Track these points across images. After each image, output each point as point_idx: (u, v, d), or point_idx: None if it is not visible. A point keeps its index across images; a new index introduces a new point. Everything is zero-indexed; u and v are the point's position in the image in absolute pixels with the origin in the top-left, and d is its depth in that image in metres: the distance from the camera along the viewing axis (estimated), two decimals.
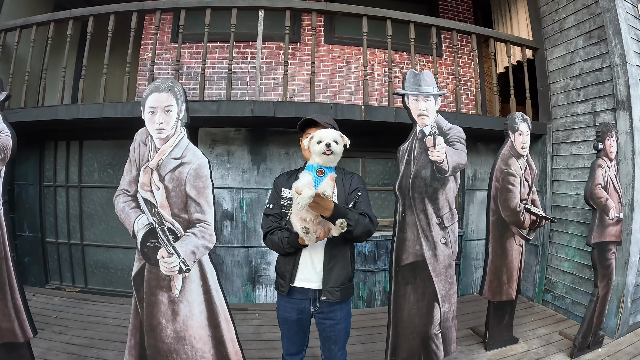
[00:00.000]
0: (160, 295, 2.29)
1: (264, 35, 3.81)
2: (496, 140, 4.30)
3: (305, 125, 2.11)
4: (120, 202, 2.32)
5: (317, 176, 1.72)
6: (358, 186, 2.10)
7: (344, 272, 2.05)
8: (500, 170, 3.21)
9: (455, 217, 2.84)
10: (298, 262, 2.04)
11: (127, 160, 2.31)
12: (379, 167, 4.59)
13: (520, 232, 3.29)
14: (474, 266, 4.78)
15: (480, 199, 4.72)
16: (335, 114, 3.53)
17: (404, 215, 2.69)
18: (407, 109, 2.80)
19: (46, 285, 4.60)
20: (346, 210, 1.84)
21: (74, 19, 3.74)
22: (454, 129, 2.88)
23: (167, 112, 2.25)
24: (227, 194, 4.16)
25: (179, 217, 2.24)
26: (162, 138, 2.25)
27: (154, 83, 2.29)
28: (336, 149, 1.75)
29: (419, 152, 2.75)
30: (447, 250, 2.79)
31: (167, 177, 2.23)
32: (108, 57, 3.66)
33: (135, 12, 3.62)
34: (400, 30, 4.10)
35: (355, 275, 4.34)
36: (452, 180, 2.83)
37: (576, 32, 4.10)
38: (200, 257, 2.25)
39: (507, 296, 3.33)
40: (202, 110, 3.47)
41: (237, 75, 4.65)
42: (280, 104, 3.54)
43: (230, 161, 4.15)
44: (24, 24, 3.85)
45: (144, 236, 2.27)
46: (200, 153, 2.25)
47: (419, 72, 2.87)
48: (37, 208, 4.54)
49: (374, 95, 4.91)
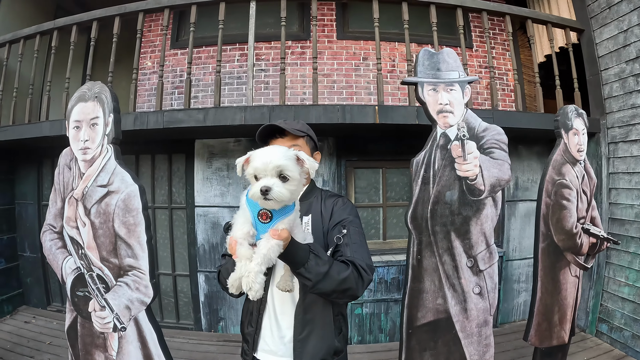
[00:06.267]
0: (97, 355, 1.88)
1: (270, 35, 3.49)
2: (540, 141, 4.02)
3: (268, 136, 1.49)
4: (47, 240, 1.93)
5: (260, 221, 1.09)
6: (345, 217, 1.42)
7: (325, 344, 1.39)
8: (552, 181, 2.57)
9: (494, 257, 2.10)
10: (261, 324, 1.43)
11: (52, 189, 1.86)
12: (403, 179, 4.03)
13: (577, 260, 2.64)
14: (516, 290, 4.22)
15: (523, 211, 4.18)
16: (343, 117, 3.03)
17: (419, 258, 2.02)
18: (422, 104, 2.12)
19: (48, 307, 4.44)
20: (309, 253, 1.19)
21: (59, 29, 3.50)
22: (491, 129, 2.14)
23: (93, 126, 1.78)
24: (228, 213, 3.72)
25: (108, 261, 1.77)
26: (87, 160, 1.78)
27: (80, 90, 1.85)
28: (279, 194, 1.04)
29: (442, 165, 2.05)
30: (482, 302, 2.06)
31: (94, 210, 1.76)
32: (91, 68, 3.37)
33: (142, 12, 3.30)
34: (422, 19, 3.59)
35: (376, 306, 3.76)
36: (491, 204, 2.09)
37: (628, 7, 3.53)
38: (136, 313, 1.79)
39: (559, 340, 2.69)
40: (187, 120, 3.07)
41: (242, 79, 4.27)
42: (277, 108, 3.05)
43: (231, 176, 3.73)
44: (12, 38, 3.70)
45: (72, 283, 1.87)
46: (129, 178, 1.74)
47: (437, 51, 2.17)
48: (36, 228, 4.31)
49: (395, 95, 4.36)
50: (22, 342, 3.54)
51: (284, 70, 3.15)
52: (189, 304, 3.83)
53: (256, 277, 1.02)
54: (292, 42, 4.13)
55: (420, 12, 3.47)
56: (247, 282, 1.03)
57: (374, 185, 3.85)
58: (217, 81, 3.15)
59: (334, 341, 1.41)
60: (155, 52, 4.27)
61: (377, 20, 3.20)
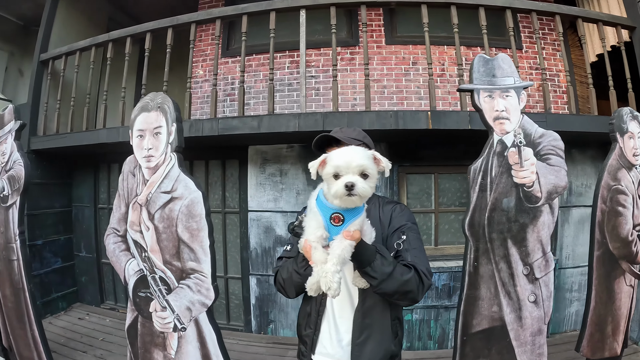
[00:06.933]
0: (155, 353, 1.94)
1: (318, 41, 3.50)
2: (593, 145, 3.85)
3: (324, 144, 1.52)
4: (110, 243, 2.01)
5: (333, 224, 1.14)
6: (404, 224, 1.44)
7: (382, 348, 1.40)
8: (608, 186, 2.47)
9: (550, 265, 2.05)
10: (320, 327, 1.45)
11: (116, 194, 1.95)
12: (455, 184, 3.95)
13: (632, 269, 2.53)
14: (569, 299, 4.03)
15: (577, 217, 3.96)
16: (396, 123, 3.00)
17: (476, 265, 2.01)
18: (479, 111, 2.10)
19: (101, 305, 4.54)
20: (375, 253, 1.23)
21: (113, 41, 3.65)
22: (547, 135, 2.09)
23: (157, 135, 1.85)
24: (281, 218, 3.76)
25: (171, 264, 1.82)
26: (151, 167, 1.85)
27: (143, 100, 1.92)
28: (363, 189, 1.09)
29: (498, 172, 2.03)
30: (537, 311, 2.03)
31: (157, 215, 1.82)
32: (146, 78, 3.50)
33: (194, 23, 3.39)
34: (469, 22, 3.50)
35: (426, 312, 3.68)
36: (547, 211, 2.04)
37: None
38: (197, 314, 1.84)
39: (611, 352, 2.59)
40: (241, 127, 3.12)
41: (292, 86, 4.29)
42: (330, 115, 3.06)
43: (284, 182, 3.76)
44: (68, 50, 3.86)
45: (135, 284, 1.93)
46: (193, 185, 1.79)
47: (492, 57, 2.14)
48: (92, 229, 4.53)
49: (446, 99, 4.25)
50: (76, 337, 3.67)
51: (336, 77, 3.16)
52: (239, 305, 3.91)
53: (333, 276, 1.08)
54: (341, 48, 4.13)
55: (467, 14, 3.42)
56: (325, 282, 1.08)
57: (426, 191, 3.80)
58: (270, 89, 3.20)
59: (391, 345, 1.42)
60: (206, 61, 4.37)
61: (427, 25, 3.16)
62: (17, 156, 2.57)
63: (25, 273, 2.56)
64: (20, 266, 2.57)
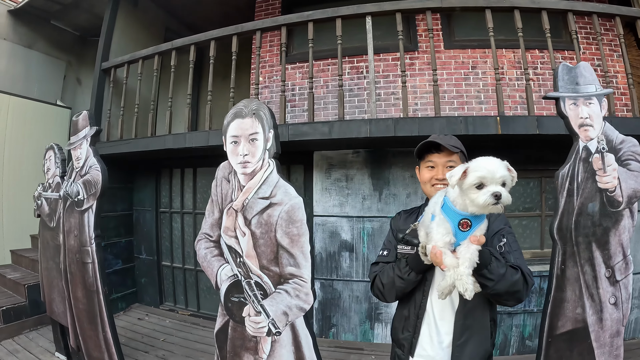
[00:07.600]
0: (245, 357, 1.95)
1: (378, 47, 3.45)
2: None
3: (424, 150, 1.56)
4: (202, 248, 2.03)
5: (460, 230, 1.20)
6: (502, 227, 1.50)
7: (482, 348, 1.44)
8: None
9: (630, 267, 2.06)
10: (420, 328, 1.48)
11: (209, 200, 1.98)
12: (519, 189, 3.88)
13: None
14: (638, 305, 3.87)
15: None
16: (466, 129, 2.97)
17: (563, 268, 2.04)
18: (564, 118, 2.11)
19: (160, 306, 4.70)
20: (490, 256, 1.29)
21: (177, 49, 3.74)
22: (627, 141, 2.12)
23: (252, 141, 1.87)
24: (346, 223, 3.77)
25: (269, 269, 1.84)
26: (248, 173, 1.88)
27: (236, 107, 1.95)
28: (507, 198, 1.15)
29: (584, 177, 2.06)
30: (616, 312, 2.04)
31: (254, 220, 1.84)
32: (211, 84, 3.58)
33: (259, 30, 3.45)
34: (527, 24, 3.46)
35: None
36: (628, 215, 2.05)
37: None
38: (293, 319, 1.86)
39: None
40: (312, 133, 3.16)
41: (353, 92, 4.29)
42: (401, 120, 3.06)
43: (349, 187, 3.77)
44: (130, 59, 3.99)
45: (227, 289, 1.96)
46: (293, 191, 1.83)
47: (574, 65, 2.17)
48: (153, 233, 4.69)
49: (507, 103, 4.16)
50: (137, 337, 3.75)
51: (405, 83, 3.16)
52: None
53: (468, 279, 1.16)
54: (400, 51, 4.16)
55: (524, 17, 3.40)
56: (461, 285, 1.16)
57: None
58: (340, 95, 3.24)
59: (489, 345, 1.48)
60: (265, 68, 4.44)
61: (492, 29, 3.12)
62: (93, 161, 2.64)
63: (100, 275, 2.61)
64: (96, 269, 2.62)
